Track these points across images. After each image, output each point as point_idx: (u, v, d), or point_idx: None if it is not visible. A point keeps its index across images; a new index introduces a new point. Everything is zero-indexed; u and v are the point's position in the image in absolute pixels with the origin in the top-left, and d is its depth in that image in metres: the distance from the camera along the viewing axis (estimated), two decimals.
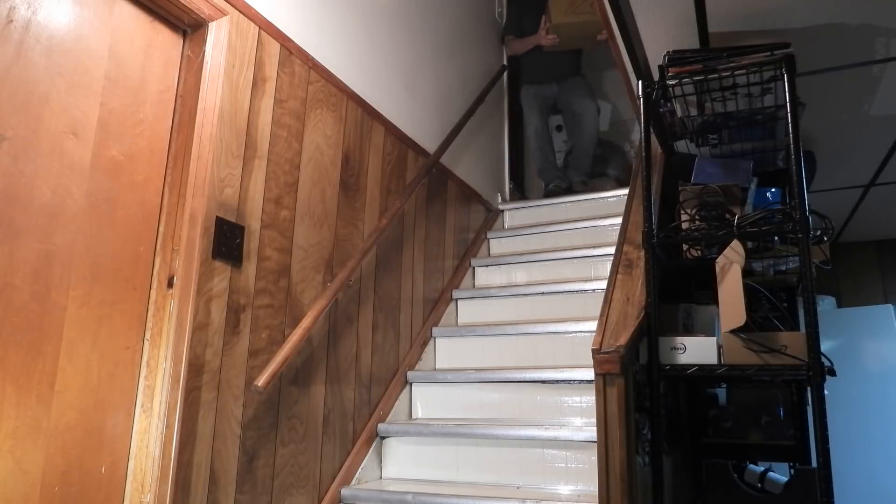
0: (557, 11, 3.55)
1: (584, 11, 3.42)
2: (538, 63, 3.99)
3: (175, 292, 1.73)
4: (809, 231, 1.78)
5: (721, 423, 2.56)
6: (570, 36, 3.69)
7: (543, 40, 3.76)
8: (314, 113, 2.27)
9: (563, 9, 3.54)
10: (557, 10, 3.55)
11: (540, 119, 4.03)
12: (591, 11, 3.29)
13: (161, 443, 1.63)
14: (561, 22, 3.54)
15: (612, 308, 1.97)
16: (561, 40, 3.69)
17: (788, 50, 1.87)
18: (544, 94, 4.01)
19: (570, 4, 3.53)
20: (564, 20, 3.53)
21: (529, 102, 4.05)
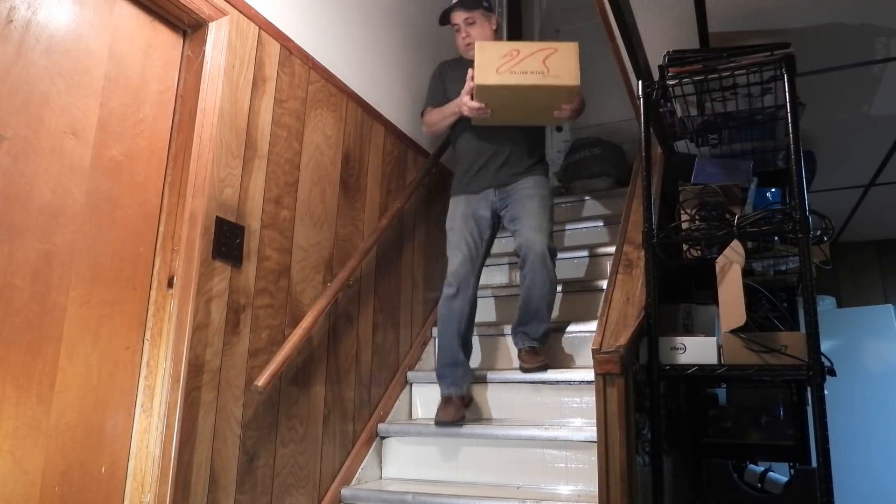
0: (485, 65, 2.12)
1: (533, 70, 2.08)
2: (468, 150, 2.57)
3: (175, 292, 1.73)
4: (809, 231, 1.78)
5: (721, 423, 2.56)
6: (511, 106, 2.27)
7: (466, 110, 2.31)
8: (314, 113, 2.27)
9: (493, 62, 2.11)
10: (485, 64, 2.13)
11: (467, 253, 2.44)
12: (542, 70, 2.06)
13: (161, 443, 1.63)
14: (489, 83, 2.13)
15: (612, 308, 1.97)
16: (495, 113, 2.28)
17: (788, 50, 1.87)
18: (478, 213, 2.50)
19: (507, 57, 2.11)
20: (495, 80, 2.11)
21: (454, 229, 2.51)
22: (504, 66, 2.08)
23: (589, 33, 4.31)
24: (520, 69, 2.07)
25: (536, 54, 2.08)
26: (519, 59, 2.07)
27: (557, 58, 2.08)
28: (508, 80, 2.09)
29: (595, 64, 4.36)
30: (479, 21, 2.59)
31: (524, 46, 2.09)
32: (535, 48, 2.09)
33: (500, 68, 2.09)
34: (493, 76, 2.10)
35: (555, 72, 2.06)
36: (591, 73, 4.42)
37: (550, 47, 2.08)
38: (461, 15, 2.59)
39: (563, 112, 2.27)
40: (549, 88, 2.10)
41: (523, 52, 2.08)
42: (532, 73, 2.07)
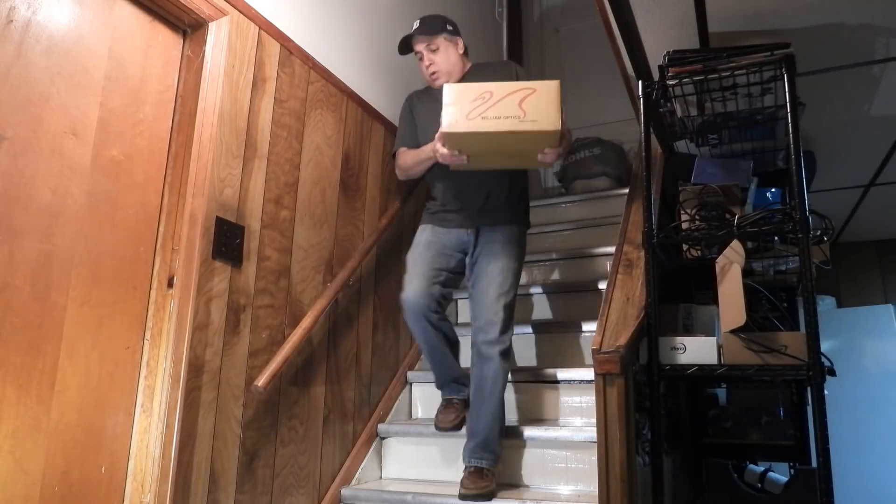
0: (454, 110, 1.87)
1: (508, 114, 1.83)
2: (443, 188, 2.32)
3: (175, 292, 1.73)
4: (809, 231, 1.78)
5: (721, 423, 2.56)
6: (489, 152, 2.02)
7: (440, 157, 2.04)
8: (314, 113, 2.27)
9: (463, 106, 1.86)
10: (454, 109, 1.88)
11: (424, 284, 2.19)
12: (518, 114, 1.82)
13: (161, 443, 1.63)
14: (459, 131, 1.88)
15: (612, 308, 1.97)
16: (472, 159, 2.03)
17: (788, 50, 1.87)
18: (445, 244, 2.27)
19: (479, 101, 1.86)
20: (466, 128, 1.86)
21: (414, 257, 2.27)
22: (475, 110, 1.83)
23: (589, 33, 4.33)
24: (493, 114, 1.82)
25: (512, 96, 1.82)
26: (492, 102, 1.83)
27: (535, 99, 1.82)
28: (480, 127, 1.83)
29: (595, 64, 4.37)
30: (444, 47, 2.30)
31: (498, 88, 1.84)
32: (511, 89, 1.84)
33: (470, 113, 1.83)
34: (462, 123, 1.84)
35: (532, 115, 1.81)
36: (592, 72, 4.44)
37: (528, 88, 1.83)
38: (422, 42, 2.30)
39: (547, 156, 1.95)
40: (527, 134, 1.83)
41: (497, 93, 1.83)
42: (507, 118, 1.81)
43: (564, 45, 4.64)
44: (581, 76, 4.51)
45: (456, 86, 1.93)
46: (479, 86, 1.87)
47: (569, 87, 4.54)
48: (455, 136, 1.91)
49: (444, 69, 2.30)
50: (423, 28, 2.30)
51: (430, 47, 2.29)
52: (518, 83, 1.88)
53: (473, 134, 1.87)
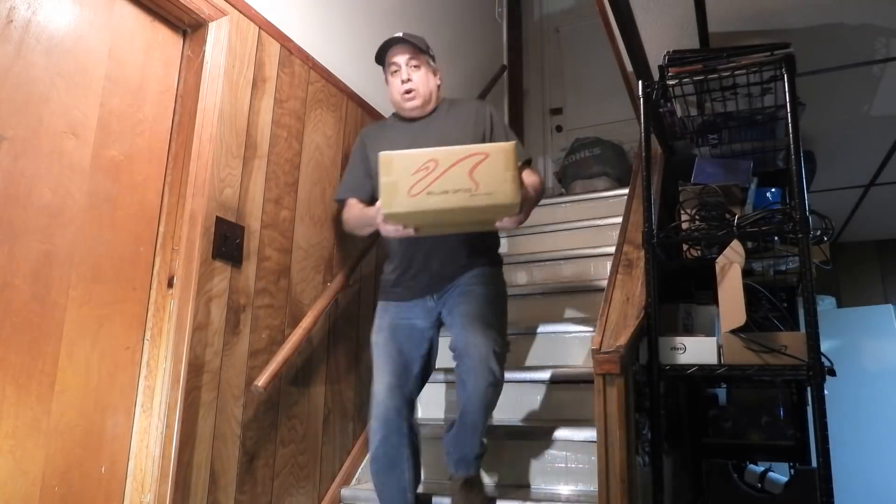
0: (393, 185, 1.57)
1: (457, 187, 1.56)
2: (398, 247, 2.01)
3: (175, 292, 1.73)
4: (809, 231, 1.78)
5: (721, 423, 2.56)
6: (439, 224, 1.75)
7: (383, 231, 1.77)
8: (314, 113, 2.27)
9: (403, 179, 1.57)
10: (393, 183, 1.57)
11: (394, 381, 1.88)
12: (468, 187, 1.55)
13: (161, 443, 1.63)
14: (398, 212, 1.60)
15: (612, 308, 1.97)
16: (421, 231, 1.76)
17: (788, 50, 1.87)
18: (411, 323, 1.96)
19: (422, 172, 1.56)
20: (407, 207, 1.57)
21: (378, 345, 1.96)
22: (419, 184, 1.53)
23: (589, 33, 4.33)
24: (440, 187, 1.53)
25: (461, 164, 1.53)
26: (438, 173, 1.53)
27: (488, 167, 1.53)
28: (425, 205, 1.54)
29: (595, 64, 4.37)
30: (425, 69, 2.01)
31: (444, 155, 1.55)
32: (459, 155, 1.54)
33: (413, 188, 1.53)
34: (403, 201, 1.54)
35: (486, 187, 1.53)
36: (592, 72, 4.45)
37: (479, 153, 1.55)
38: (403, 54, 1.98)
39: (506, 224, 1.70)
40: (482, 209, 1.57)
41: (443, 161, 1.54)
42: (457, 192, 1.53)
43: (564, 45, 4.64)
44: (581, 76, 4.51)
45: (393, 155, 1.57)
46: (420, 153, 1.57)
47: (569, 87, 4.56)
48: (396, 216, 1.62)
49: (421, 91, 1.99)
50: (407, 41, 1.99)
51: (412, 62, 1.99)
52: (467, 148, 1.57)
53: (418, 213, 1.59)
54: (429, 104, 2.03)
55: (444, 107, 2.08)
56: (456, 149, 1.58)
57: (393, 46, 2.00)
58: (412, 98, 1.99)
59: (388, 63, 2.02)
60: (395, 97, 2.03)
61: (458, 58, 3.58)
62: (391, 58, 2.01)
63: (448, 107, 2.08)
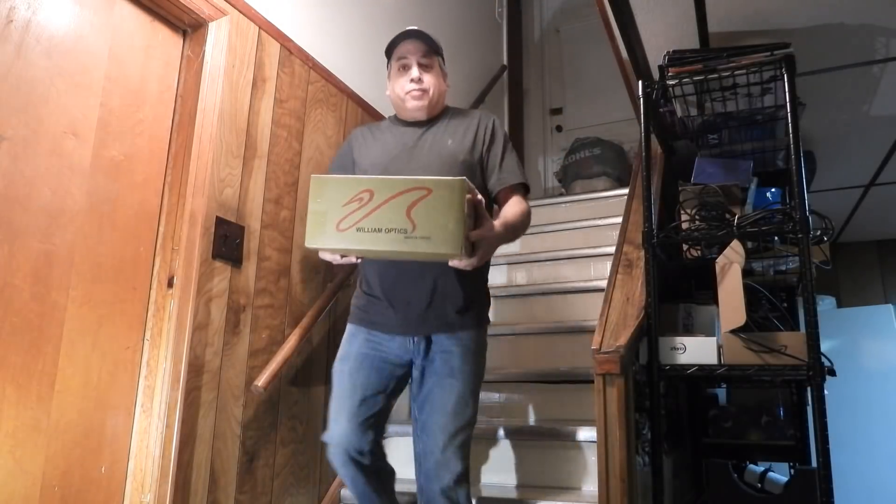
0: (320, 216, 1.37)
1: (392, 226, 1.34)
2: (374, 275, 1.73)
3: (175, 292, 1.73)
4: (809, 231, 1.78)
5: (721, 423, 2.56)
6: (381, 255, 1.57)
7: (320, 252, 1.62)
8: (314, 113, 2.27)
9: (332, 210, 1.37)
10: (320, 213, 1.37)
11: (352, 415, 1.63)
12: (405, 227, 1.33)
13: (161, 443, 1.63)
14: (323, 247, 1.47)
15: (612, 308, 1.97)
16: (367, 258, 1.67)
17: (788, 50, 1.87)
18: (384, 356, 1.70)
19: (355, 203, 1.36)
20: (333, 243, 1.40)
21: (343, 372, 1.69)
22: (348, 217, 1.33)
23: (589, 33, 4.34)
24: (371, 224, 1.32)
25: (399, 199, 1.31)
26: (371, 206, 1.32)
27: (429, 206, 1.30)
28: (352, 243, 1.33)
29: (595, 64, 4.38)
30: (437, 71, 1.84)
31: (381, 186, 1.33)
32: (398, 188, 1.33)
33: (342, 221, 1.33)
34: (329, 235, 1.34)
35: (423, 229, 1.30)
36: (592, 72, 4.45)
37: (420, 187, 1.32)
38: (417, 51, 1.78)
39: (455, 265, 1.45)
40: (416, 254, 1.35)
41: (379, 194, 1.32)
42: (390, 232, 1.31)
43: (564, 45, 4.64)
44: (581, 76, 4.51)
45: (327, 179, 1.38)
46: (356, 181, 1.38)
47: (569, 87, 4.57)
48: (324, 250, 1.45)
49: (432, 92, 1.79)
50: (424, 37, 1.80)
51: (424, 60, 1.80)
52: (408, 180, 1.35)
53: (345, 251, 1.44)
54: (433, 109, 1.82)
55: (446, 115, 1.86)
56: (395, 180, 1.35)
57: (406, 40, 1.79)
58: (420, 98, 1.77)
59: (396, 56, 1.80)
60: (399, 94, 1.80)
61: (458, 58, 3.58)
62: (402, 52, 1.79)
63: (450, 115, 1.86)
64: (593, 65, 4.39)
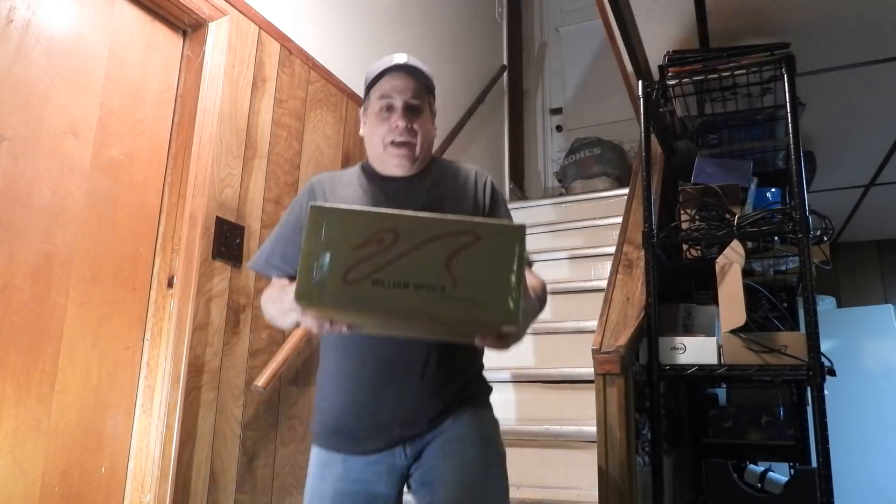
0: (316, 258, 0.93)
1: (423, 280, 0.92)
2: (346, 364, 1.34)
3: (175, 292, 1.73)
4: (809, 231, 1.78)
5: (721, 423, 2.56)
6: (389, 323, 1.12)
7: (302, 320, 1.08)
8: (314, 113, 2.27)
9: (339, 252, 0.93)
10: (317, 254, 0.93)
11: None
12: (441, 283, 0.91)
13: (161, 443, 1.63)
14: (323, 306, 0.97)
15: (612, 308, 1.97)
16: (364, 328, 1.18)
17: (788, 50, 1.88)
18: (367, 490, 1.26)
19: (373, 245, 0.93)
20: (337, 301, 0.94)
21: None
22: (361, 265, 0.94)
23: (589, 33, 4.34)
24: (394, 275, 0.93)
25: (434, 245, 0.94)
26: (396, 252, 0.94)
27: (476, 257, 0.94)
28: (365, 301, 0.94)
29: (595, 64, 4.38)
30: (428, 115, 1.40)
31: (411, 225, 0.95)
32: (435, 230, 0.95)
33: (351, 270, 0.93)
34: (332, 289, 0.93)
35: (468, 288, 0.93)
36: (592, 72, 4.45)
37: (466, 231, 0.95)
38: (406, 89, 1.35)
39: (489, 344, 1.08)
40: (458, 321, 0.97)
41: (407, 237, 0.94)
42: (420, 289, 0.93)
43: (564, 45, 4.64)
44: (581, 76, 4.51)
45: (332, 210, 0.98)
46: (375, 216, 0.97)
47: (569, 87, 4.57)
48: (319, 311, 1.01)
49: (420, 143, 1.35)
50: (415, 72, 1.39)
51: (414, 101, 1.36)
52: (451, 220, 0.97)
53: (353, 312, 1.00)
54: (420, 163, 1.39)
55: (433, 168, 1.42)
56: (431, 218, 0.97)
57: (392, 73, 1.37)
58: (405, 153, 1.34)
59: (378, 93, 1.37)
60: (376, 145, 1.37)
61: (458, 58, 3.58)
62: (386, 89, 1.36)
63: (438, 169, 1.43)
64: (593, 65, 4.39)
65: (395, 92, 1.36)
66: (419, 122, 1.36)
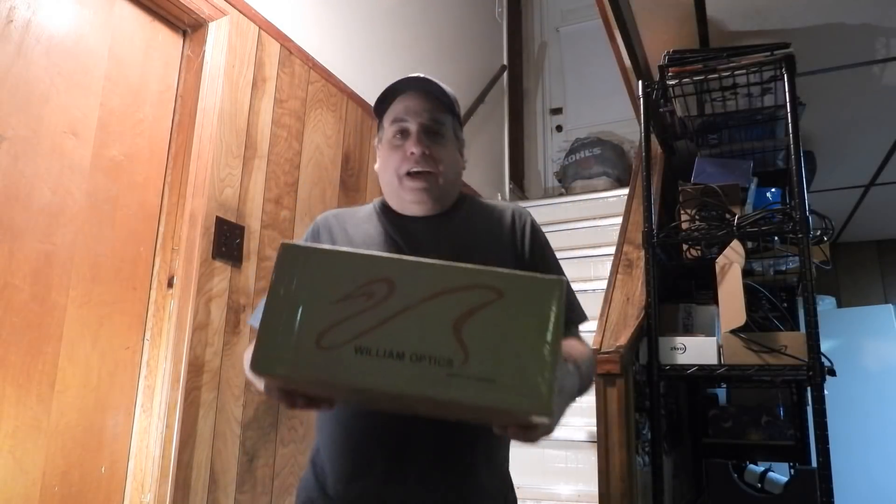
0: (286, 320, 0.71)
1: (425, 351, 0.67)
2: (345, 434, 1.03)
3: (175, 292, 1.73)
4: (809, 231, 1.78)
5: (721, 423, 2.55)
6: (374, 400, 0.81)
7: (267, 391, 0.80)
8: (314, 113, 2.27)
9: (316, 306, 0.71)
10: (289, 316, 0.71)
11: None
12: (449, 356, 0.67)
13: (161, 443, 1.63)
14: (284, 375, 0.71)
15: (612, 308, 1.97)
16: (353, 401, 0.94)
17: (788, 50, 1.88)
18: None
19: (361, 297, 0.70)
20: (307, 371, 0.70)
21: None
22: (341, 325, 0.70)
23: (589, 33, 4.34)
24: (384, 342, 0.69)
25: (440, 301, 0.71)
26: (389, 311, 0.71)
27: (497, 320, 0.70)
28: (342, 375, 0.69)
29: (595, 64, 4.38)
30: (452, 142, 1.15)
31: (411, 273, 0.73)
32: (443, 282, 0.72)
33: (328, 333, 0.70)
34: (301, 356, 0.70)
35: (483, 365, 0.68)
36: (592, 72, 4.45)
37: (484, 285, 0.71)
38: (422, 111, 1.12)
39: (511, 435, 0.84)
40: (464, 406, 0.71)
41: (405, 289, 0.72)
42: (418, 361, 0.68)
43: (564, 45, 4.64)
44: (581, 76, 4.51)
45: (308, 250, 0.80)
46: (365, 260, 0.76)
47: (569, 87, 4.57)
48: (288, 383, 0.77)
49: (443, 177, 1.12)
50: (432, 87, 1.14)
51: (433, 125, 1.12)
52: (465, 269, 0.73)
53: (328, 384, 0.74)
54: (444, 200, 1.15)
55: (462, 208, 1.19)
56: (439, 267, 0.73)
57: (405, 93, 1.14)
58: (422, 186, 1.10)
59: (391, 117, 1.14)
60: (390, 179, 1.15)
61: (458, 58, 3.58)
62: (399, 111, 1.13)
63: (469, 208, 1.19)
64: (593, 65, 4.39)
65: (408, 114, 1.12)
66: (439, 149, 1.11)
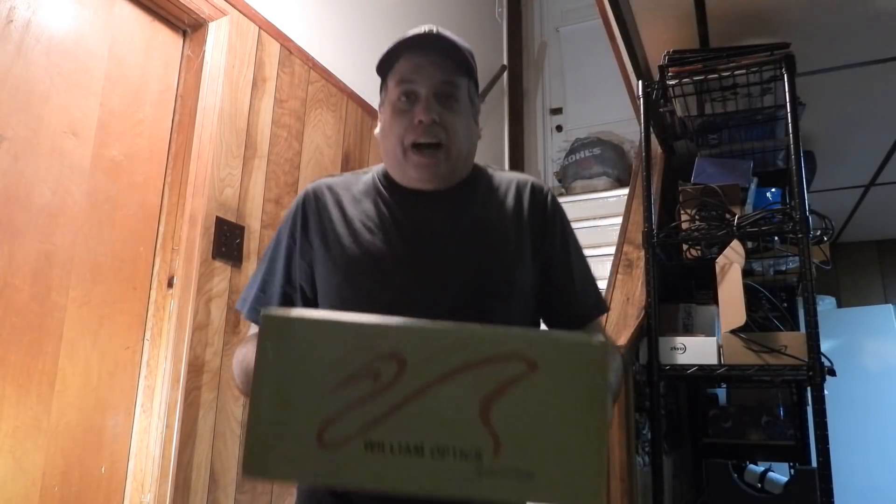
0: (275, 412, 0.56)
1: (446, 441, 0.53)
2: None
3: (175, 292, 1.73)
4: (809, 231, 1.78)
5: (721, 423, 2.55)
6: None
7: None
8: (314, 113, 2.27)
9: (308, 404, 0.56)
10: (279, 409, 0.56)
11: None
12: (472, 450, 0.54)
13: (161, 443, 1.62)
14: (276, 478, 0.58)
15: (612, 308, 1.97)
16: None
17: (788, 50, 1.88)
18: None
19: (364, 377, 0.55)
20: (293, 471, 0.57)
21: None
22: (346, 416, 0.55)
23: (589, 33, 4.34)
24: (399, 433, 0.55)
25: (462, 380, 0.55)
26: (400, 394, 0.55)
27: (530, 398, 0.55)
28: (354, 477, 0.55)
29: (595, 64, 4.37)
30: (464, 106, 0.98)
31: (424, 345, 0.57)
32: (466, 356, 0.55)
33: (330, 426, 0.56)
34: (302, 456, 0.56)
35: (519, 456, 0.55)
36: (592, 72, 4.45)
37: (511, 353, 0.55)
38: (434, 71, 0.95)
39: None
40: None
41: (420, 366, 0.56)
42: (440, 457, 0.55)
43: (564, 45, 4.64)
44: (581, 76, 4.51)
45: (297, 320, 0.58)
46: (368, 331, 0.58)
47: (569, 87, 4.56)
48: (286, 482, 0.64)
49: (454, 149, 0.96)
50: (447, 46, 0.96)
51: (446, 89, 0.95)
52: (488, 333, 0.57)
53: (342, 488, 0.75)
54: (454, 174, 1.00)
55: (479, 180, 1.04)
56: (459, 334, 0.58)
57: (414, 51, 0.96)
58: (430, 161, 0.95)
59: (396, 77, 0.96)
60: (393, 148, 0.97)
61: None
62: (406, 71, 0.96)
63: (486, 181, 1.05)
64: (593, 65, 4.38)
65: (417, 75, 0.94)
66: (452, 116, 0.95)
